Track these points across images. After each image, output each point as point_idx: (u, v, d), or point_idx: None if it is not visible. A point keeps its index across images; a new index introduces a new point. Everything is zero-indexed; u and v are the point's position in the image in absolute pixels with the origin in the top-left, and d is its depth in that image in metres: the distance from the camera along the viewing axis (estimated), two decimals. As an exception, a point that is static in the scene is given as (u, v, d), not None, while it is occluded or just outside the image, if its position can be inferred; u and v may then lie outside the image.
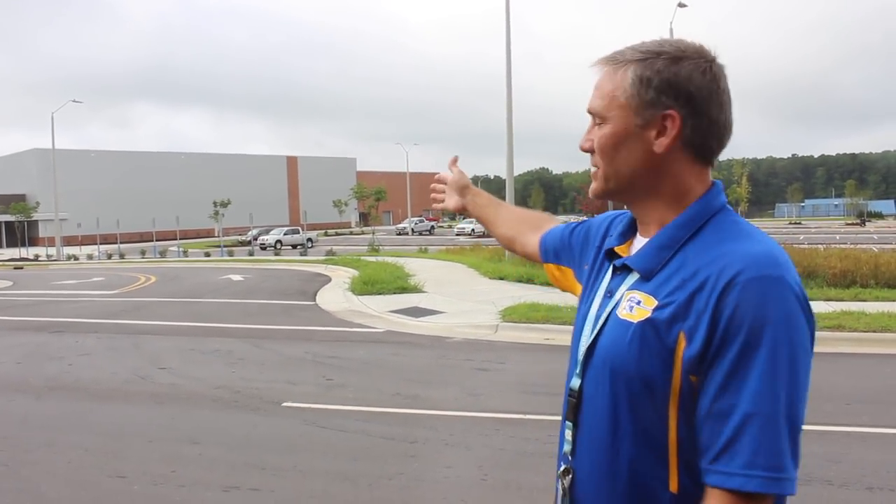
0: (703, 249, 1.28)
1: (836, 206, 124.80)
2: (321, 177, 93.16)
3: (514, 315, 12.57)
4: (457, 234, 60.21)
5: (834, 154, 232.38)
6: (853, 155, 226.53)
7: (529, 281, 17.73)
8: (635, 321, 1.29)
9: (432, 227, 71.70)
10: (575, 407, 1.40)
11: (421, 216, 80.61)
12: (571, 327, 1.52)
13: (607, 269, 1.46)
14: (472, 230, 61.48)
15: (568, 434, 1.42)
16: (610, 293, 1.41)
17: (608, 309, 1.38)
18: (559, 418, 1.45)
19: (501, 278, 18.89)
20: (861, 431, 6.25)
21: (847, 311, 11.96)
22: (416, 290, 16.93)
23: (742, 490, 1.14)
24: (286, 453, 6.02)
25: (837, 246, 22.97)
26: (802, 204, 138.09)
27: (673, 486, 1.27)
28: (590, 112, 1.40)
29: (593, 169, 1.42)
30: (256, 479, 5.41)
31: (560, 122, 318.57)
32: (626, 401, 1.30)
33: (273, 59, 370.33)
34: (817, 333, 1.27)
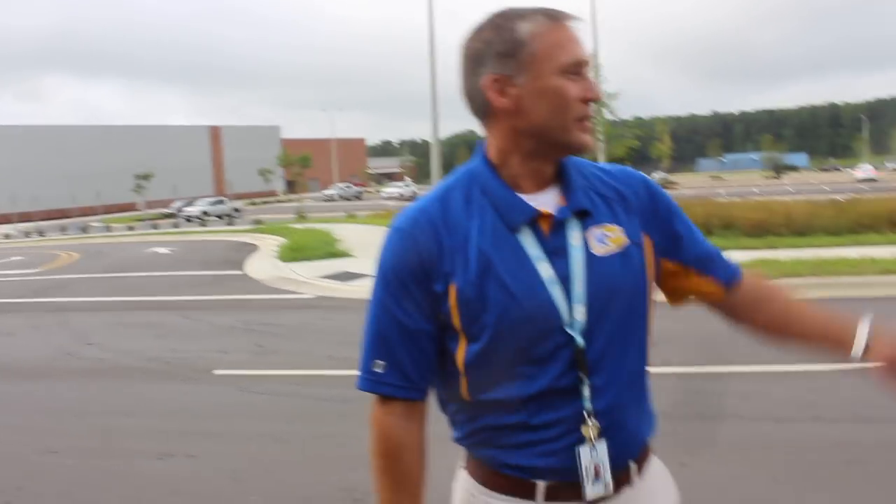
0: (593, 176, 1.53)
1: (754, 160, 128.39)
2: (245, 146, 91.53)
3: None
4: (385, 199, 60.15)
5: (752, 110, 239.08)
6: (770, 111, 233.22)
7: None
8: (620, 249, 1.47)
9: (360, 192, 71.40)
10: (585, 360, 1.42)
11: (348, 182, 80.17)
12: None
13: (518, 239, 1.43)
14: (401, 194, 61.55)
15: (586, 391, 1.43)
16: (558, 250, 1.43)
17: (576, 260, 1.43)
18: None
19: (431, 241, 18.99)
20: (771, 370, 6.60)
21: (762, 259, 12.46)
22: (345, 255, 16.95)
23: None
24: (221, 419, 6.08)
25: (755, 198, 23.79)
26: (723, 159, 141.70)
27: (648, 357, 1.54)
28: (587, 64, 1.45)
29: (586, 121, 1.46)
30: (192, 445, 5.46)
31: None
32: (636, 322, 1.50)
33: (186, 26, 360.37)
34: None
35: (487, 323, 1.40)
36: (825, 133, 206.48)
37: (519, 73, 1.41)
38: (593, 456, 1.43)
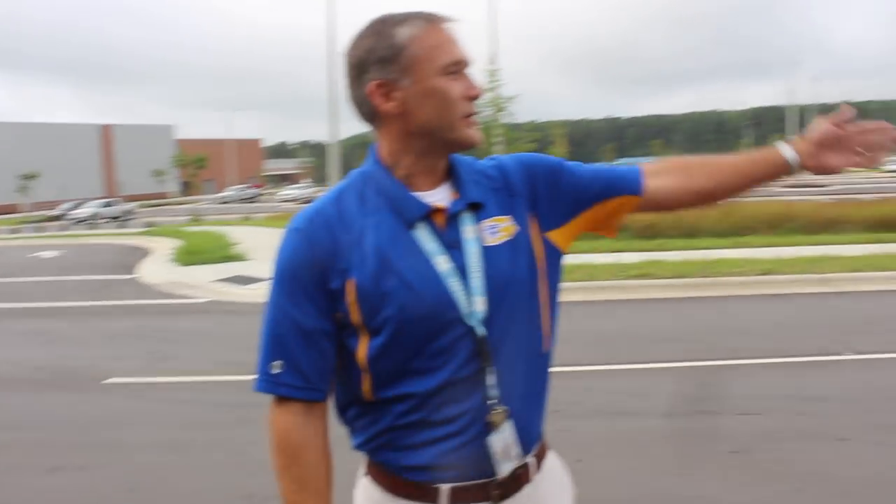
0: (478, 171, 1.59)
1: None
2: (139, 146, 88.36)
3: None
4: (281, 201, 59.28)
5: (643, 115, 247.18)
6: (660, 116, 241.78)
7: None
8: (511, 237, 1.52)
9: (257, 194, 70.16)
10: (487, 350, 1.47)
11: (245, 184, 78.69)
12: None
13: (414, 235, 1.48)
14: (299, 196, 60.77)
15: (490, 379, 1.48)
16: (454, 243, 1.49)
17: (472, 252, 1.49)
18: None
19: (330, 243, 18.90)
20: (658, 367, 6.88)
21: (653, 260, 12.92)
22: (241, 258, 16.65)
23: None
24: (114, 429, 5.90)
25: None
26: (617, 162, 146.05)
27: (547, 345, 1.59)
28: (467, 63, 1.51)
29: (474, 117, 1.52)
30: (83, 457, 5.29)
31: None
32: (530, 310, 1.55)
33: (75, 21, 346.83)
34: (626, 282, 1.59)
35: (388, 316, 1.43)
36: (712, 139, 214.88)
37: (402, 76, 1.46)
38: (503, 439, 1.48)
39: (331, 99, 22.75)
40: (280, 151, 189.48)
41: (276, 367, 1.50)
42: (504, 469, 1.49)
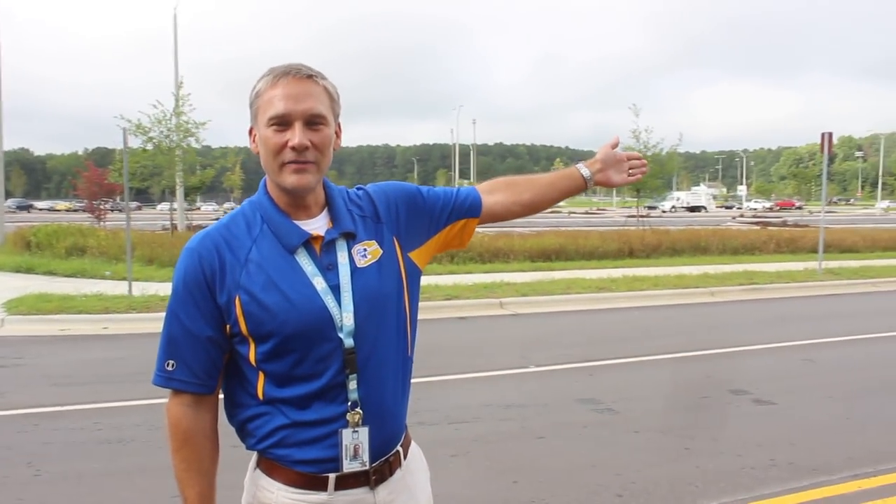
0: (344, 199, 1.86)
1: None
2: None
3: (21, 307, 11.66)
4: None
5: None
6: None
7: (30, 270, 16.45)
8: (377, 259, 1.78)
9: None
10: (354, 359, 1.70)
11: None
12: (88, 315, 1.62)
13: (295, 258, 1.71)
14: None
15: (352, 384, 1.70)
16: (330, 266, 1.73)
17: (344, 273, 1.72)
18: (100, 405, 1.78)
19: (-4, 269, 17.16)
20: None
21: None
22: None
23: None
24: None
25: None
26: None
27: (410, 352, 1.87)
28: (312, 115, 1.68)
29: (302, 164, 1.68)
30: None
31: (44, 97, 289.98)
32: (394, 322, 1.79)
33: None
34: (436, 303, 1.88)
35: (272, 329, 1.67)
36: (382, 171, 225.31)
37: (255, 124, 1.75)
38: (354, 438, 1.71)
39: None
40: None
41: (170, 365, 1.73)
42: (347, 466, 1.71)
